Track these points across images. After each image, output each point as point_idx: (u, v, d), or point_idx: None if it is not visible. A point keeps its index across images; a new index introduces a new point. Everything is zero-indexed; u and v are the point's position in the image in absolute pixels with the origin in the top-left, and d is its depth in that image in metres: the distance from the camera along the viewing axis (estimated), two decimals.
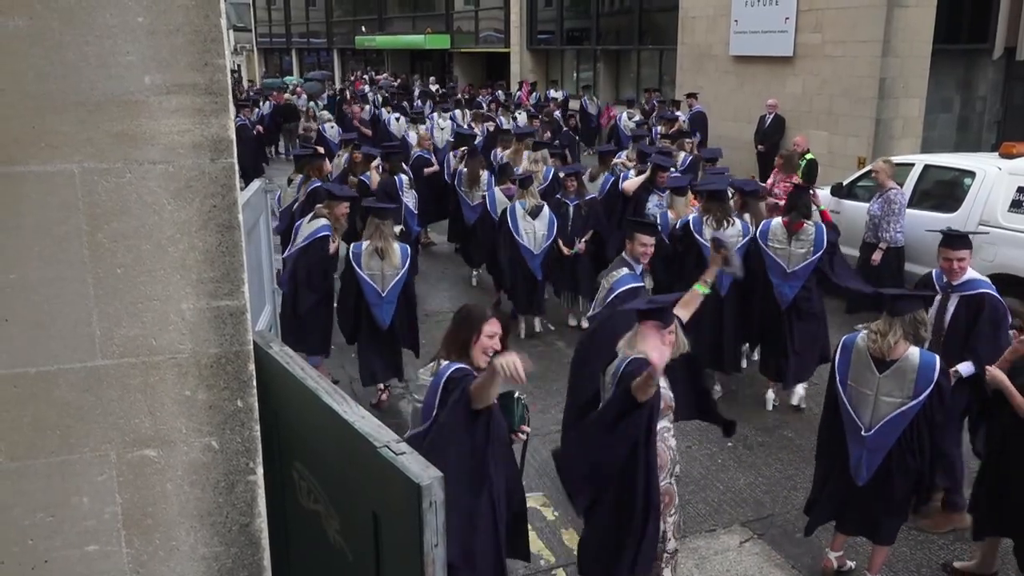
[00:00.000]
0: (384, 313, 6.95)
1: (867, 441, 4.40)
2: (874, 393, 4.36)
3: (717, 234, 6.58)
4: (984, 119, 15.10)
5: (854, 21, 13.80)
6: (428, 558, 2.04)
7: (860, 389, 4.44)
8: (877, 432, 4.37)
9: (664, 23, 19.98)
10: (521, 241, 8.56)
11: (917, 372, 4.27)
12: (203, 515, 2.42)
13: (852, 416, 4.47)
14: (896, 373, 4.31)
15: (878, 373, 4.35)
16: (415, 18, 34.48)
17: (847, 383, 4.51)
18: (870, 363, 4.39)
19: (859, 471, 4.46)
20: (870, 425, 4.39)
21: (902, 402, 4.30)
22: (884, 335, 4.32)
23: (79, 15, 2.10)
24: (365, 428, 2.22)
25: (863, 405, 4.43)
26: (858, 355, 4.46)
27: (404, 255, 6.97)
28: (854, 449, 4.47)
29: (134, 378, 2.29)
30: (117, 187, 2.20)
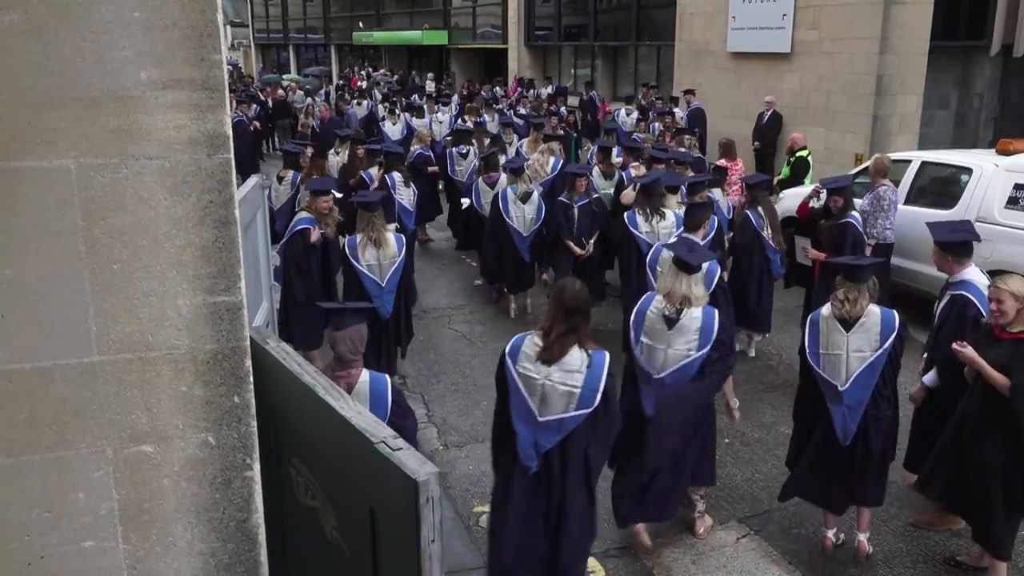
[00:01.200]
0: (386, 304, 7.01)
1: (844, 396, 4.72)
2: (845, 352, 4.75)
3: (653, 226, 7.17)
4: (981, 116, 15.11)
5: (851, 18, 13.79)
6: (425, 554, 2.04)
7: (831, 352, 4.79)
8: (852, 386, 4.70)
9: (662, 19, 19.96)
10: (512, 224, 9.01)
11: (880, 325, 4.71)
12: (200, 511, 2.42)
13: (828, 380, 4.79)
14: (862, 329, 4.73)
15: (846, 333, 4.75)
16: (412, 14, 34.41)
17: (818, 354, 4.86)
18: (837, 326, 4.78)
19: (845, 430, 4.75)
20: (844, 381, 4.73)
21: (870, 354, 4.71)
22: (854, 301, 4.74)
23: (75, 10, 2.09)
24: (362, 424, 2.22)
25: (838, 366, 4.77)
26: (825, 323, 4.84)
27: (400, 244, 7.08)
28: (836, 411, 4.76)
29: (130, 374, 2.29)
30: (113, 183, 2.20)
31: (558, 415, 4.08)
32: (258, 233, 6.05)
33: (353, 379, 3.94)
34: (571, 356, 4.09)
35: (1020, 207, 8.07)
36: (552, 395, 4.09)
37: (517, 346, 4.22)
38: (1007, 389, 4.42)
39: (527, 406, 4.12)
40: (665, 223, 7.52)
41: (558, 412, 4.08)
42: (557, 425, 4.09)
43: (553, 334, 4.10)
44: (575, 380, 4.08)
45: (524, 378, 4.13)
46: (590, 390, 4.07)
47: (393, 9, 36.29)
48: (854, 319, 4.73)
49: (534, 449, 4.11)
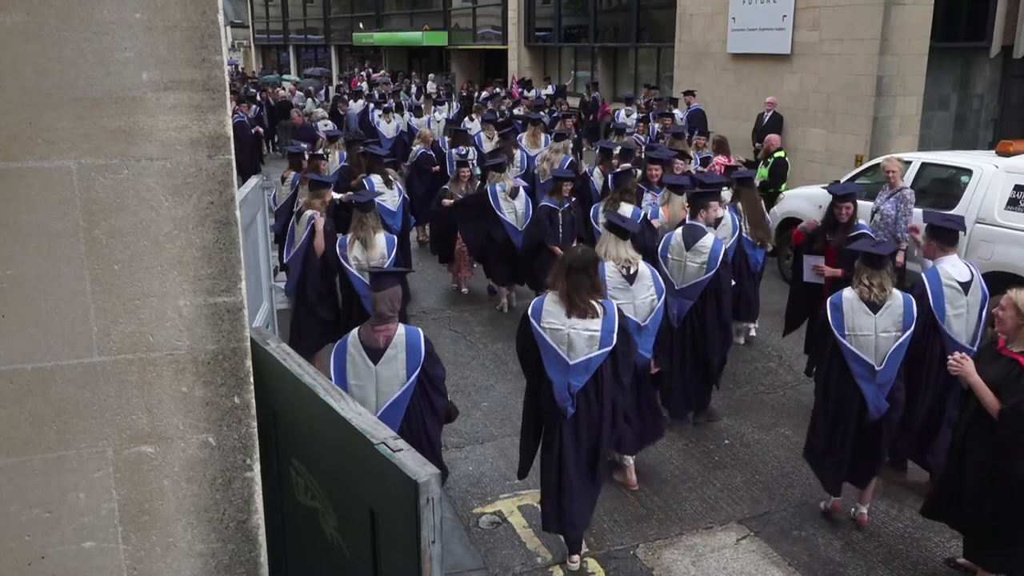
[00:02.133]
0: None
1: (879, 375, 5.08)
2: (874, 333, 5.08)
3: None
4: (981, 117, 15.11)
5: (852, 19, 13.80)
6: (425, 555, 2.04)
7: (859, 334, 5.09)
8: (886, 365, 5.07)
9: (662, 20, 19.97)
10: (505, 219, 9.21)
11: (903, 308, 5.10)
12: (200, 511, 2.42)
13: (862, 357, 5.10)
14: (889, 311, 5.09)
15: (874, 315, 5.07)
16: (413, 15, 34.43)
17: (845, 334, 5.13)
18: (865, 308, 5.10)
19: (878, 404, 5.11)
20: (878, 361, 5.07)
21: (897, 335, 5.09)
22: (880, 286, 5.09)
23: (76, 11, 2.10)
24: (362, 425, 2.22)
25: (866, 347, 5.09)
26: (851, 306, 5.13)
27: (390, 245, 7.03)
28: (868, 388, 5.10)
29: (131, 374, 2.29)
30: (114, 183, 2.20)
31: (584, 356, 4.74)
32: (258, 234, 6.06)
33: (391, 332, 4.48)
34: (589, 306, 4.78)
35: (1020, 208, 8.06)
36: (577, 341, 4.75)
37: (538, 307, 4.85)
38: (995, 412, 4.30)
39: (557, 354, 4.75)
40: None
41: (584, 355, 4.74)
42: (585, 365, 4.75)
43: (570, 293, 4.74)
44: (594, 325, 4.76)
45: (550, 331, 4.78)
46: (607, 332, 4.79)
47: (393, 10, 36.31)
48: (882, 302, 5.07)
49: (568, 391, 4.75)
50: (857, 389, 5.12)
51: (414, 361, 4.43)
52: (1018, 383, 4.23)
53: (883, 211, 8.22)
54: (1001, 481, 4.36)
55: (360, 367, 4.47)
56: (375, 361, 4.46)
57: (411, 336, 4.50)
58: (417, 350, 4.46)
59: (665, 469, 6.20)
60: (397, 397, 4.43)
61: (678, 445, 6.55)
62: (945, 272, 5.53)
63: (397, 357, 4.46)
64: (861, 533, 5.40)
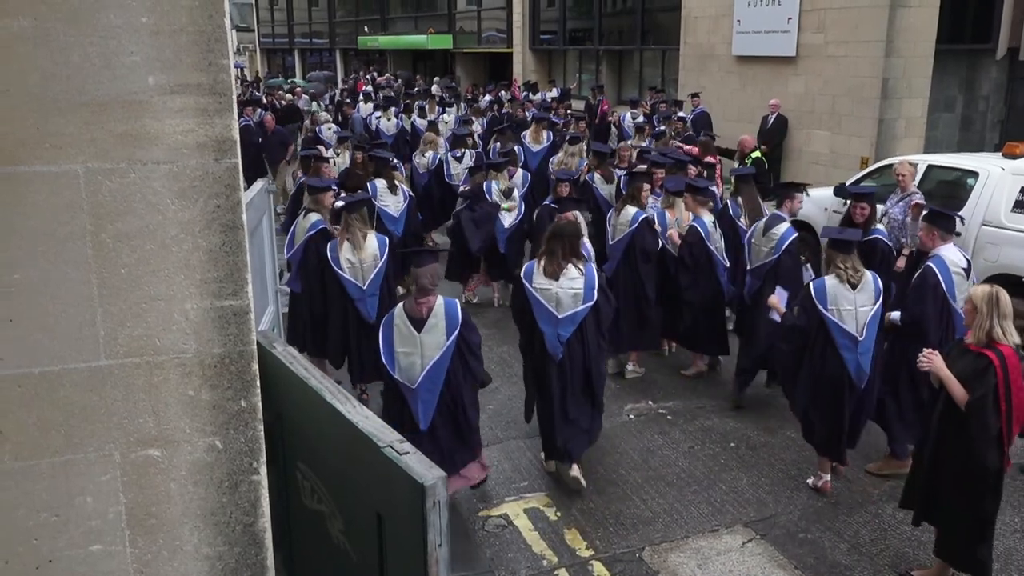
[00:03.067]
0: (369, 307, 6.85)
1: (860, 344, 5.60)
2: (854, 307, 5.64)
3: None
4: (987, 119, 15.07)
5: (857, 21, 13.78)
6: (432, 558, 2.04)
7: (842, 309, 5.62)
8: (866, 335, 5.61)
9: (667, 23, 19.96)
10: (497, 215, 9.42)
11: (873, 283, 5.72)
12: (207, 515, 2.42)
13: (845, 328, 5.61)
14: (864, 288, 5.67)
15: (853, 292, 5.64)
16: (418, 18, 34.47)
17: (828, 308, 5.64)
18: (846, 286, 5.65)
19: (860, 374, 5.62)
20: (859, 332, 5.60)
21: (870, 307, 5.65)
22: (855, 267, 5.68)
23: (83, 16, 2.10)
24: (368, 428, 2.22)
25: (848, 320, 5.61)
26: (834, 285, 5.67)
27: (382, 245, 6.91)
28: (849, 357, 5.60)
29: (138, 378, 2.30)
30: (121, 187, 2.20)
31: (571, 311, 5.60)
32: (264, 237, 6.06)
33: (432, 303, 5.11)
34: (569, 269, 5.64)
35: None
36: (564, 298, 5.61)
37: (529, 271, 5.74)
38: (963, 404, 4.39)
39: (547, 309, 5.63)
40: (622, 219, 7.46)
41: (570, 309, 5.60)
42: (571, 318, 5.62)
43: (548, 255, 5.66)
44: (577, 284, 5.62)
45: (540, 291, 5.65)
46: (589, 289, 5.64)
47: (398, 13, 36.36)
48: (858, 281, 5.66)
49: (557, 340, 5.62)
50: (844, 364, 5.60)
51: (452, 327, 5.09)
52: (985, 375, 4.34)
53: (891, 215, 8.18)
54: (973, 474, 4.44)
55: (406, 336, 5.10)
56: (419, 330, 5.08)
57: (449, 306, 5.16)
58: (455, 318, 5.11)
59: (671, 472, 6.19)
60: (438, 359, 5.07)
61: (683, 448, 6.54)
62: (951, 260, 5.78)
63: (438, 325, 5.09)
64: (868, 536, 5.38)
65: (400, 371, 5.10)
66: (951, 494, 4.57)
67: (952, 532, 4.65)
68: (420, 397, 5.09)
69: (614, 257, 7.58)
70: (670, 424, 6.94)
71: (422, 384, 5.06)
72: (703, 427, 6.89)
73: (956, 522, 4.60)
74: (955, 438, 4.50)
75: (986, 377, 4.33)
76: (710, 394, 7.49)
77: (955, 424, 4.49)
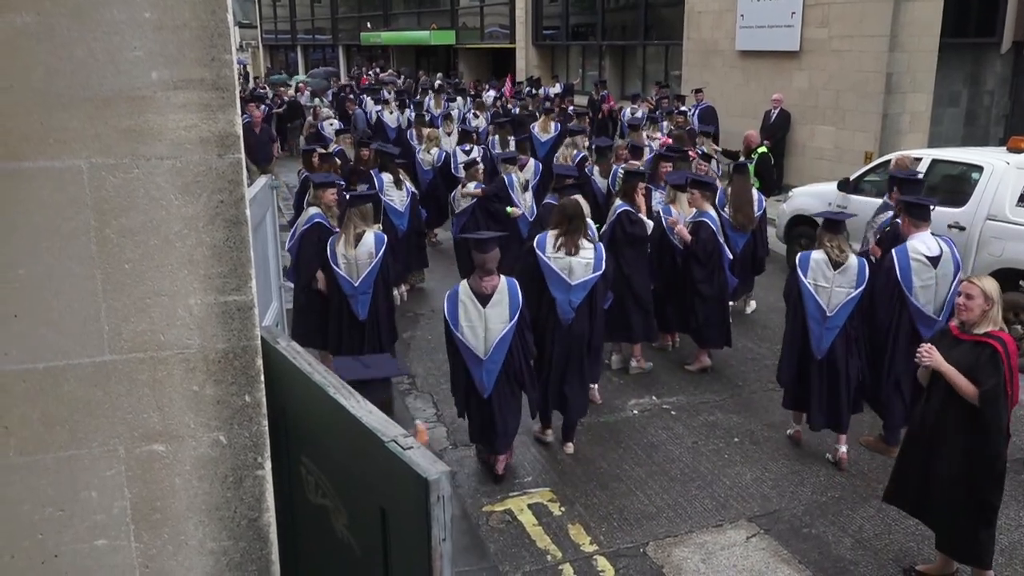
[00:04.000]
0: (360, 305, 6.82)
1: (828, 320, 6.01)
2: (831, 286, 6.02)
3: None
4: (992, 113, 15.04)
5: (861, 15, 13.74)
6: (436, 553, 2.04)
7: (819, 284, 6.05)
8: (836, 313, 5.99)
9: (670, 18, 19.93)
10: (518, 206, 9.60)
11: (858, 269, 6.02)
12: (211, 510, 2.42)
13: (817, 299, 6.04)
14: (846, 271, 6.01)
15: (834, 271, 6.01)
16: (420, 14, 34.44)
17: (808, 281, 6.07)
18: (828, 265, 6.03)
19: (819, 345, 6.05)
20: (829, 308, 6.01)
21: (851, 291, 5.98)
22: (840, 248, 6.04)
23: (87, 11, 2.10)
24: (372, 423, 2.22)
25: (823, 295, 6.03)
26: (816, 262, 6.08)
27: (379, 243, 6.83)
28: (815, 328, 6.05)
29: (142, 373, 2.30)
30: (125, 182, 2.20)
31: (582, 279, 6.10)
32: (267, 233, 6.07)
33: (496, 282, 5.69)
34: (582, 243, 6.16)
35: None
36: (576, 267, 6.12)
37: (542, 243, 6.24)
38: (975, 397, 4.32)
39: (560, 277, 6.12)
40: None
41: (581, 277, 6.10)
42: (583, 284, 6.12)
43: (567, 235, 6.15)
44: (589, 255, 6.14)
45: (555, 260, 6.13)
46: (599, 259, 6.17)
47: (401, 9, 36.32)
48: (842, 262, 6.00)
49: (569, 305, 6.10)
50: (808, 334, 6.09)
51: (515, 305, 5.68)
52: (993, 363, 4.32)
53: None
54: (983, 464, 4.41)
55: (471, 311, 5.67)
56: (484, 305, 5.65)
57: (511, 285, 5.73)
58: (516, 297, 5.71)
59: (675, 467, 6.20)
60: (505, 333, 5.65)
61: (687, 443, 6.54)
62: (913, 247, 6.07)
63: (502, 302, 5.67)
64: (872, 530, 5.38)
65: (465, 340, 5.67)
66: (952, 487, 4.53)
67: (953, 525, 4.61)
68: (486, 367, 5.65)
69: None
70: (674, 419, 6.94)
71: (492, 356, 5.64)
72: (707, 422, 6.89)
73: (957, 515, 4.56)
74: (958, 431, 4.46)
75: (994, 364, 4.32)
76: (714, 389, 7.49)
77: (958, 417, 4.46)
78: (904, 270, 6.02)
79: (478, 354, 5.64)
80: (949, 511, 4.60)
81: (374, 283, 6.84)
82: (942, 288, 6.03)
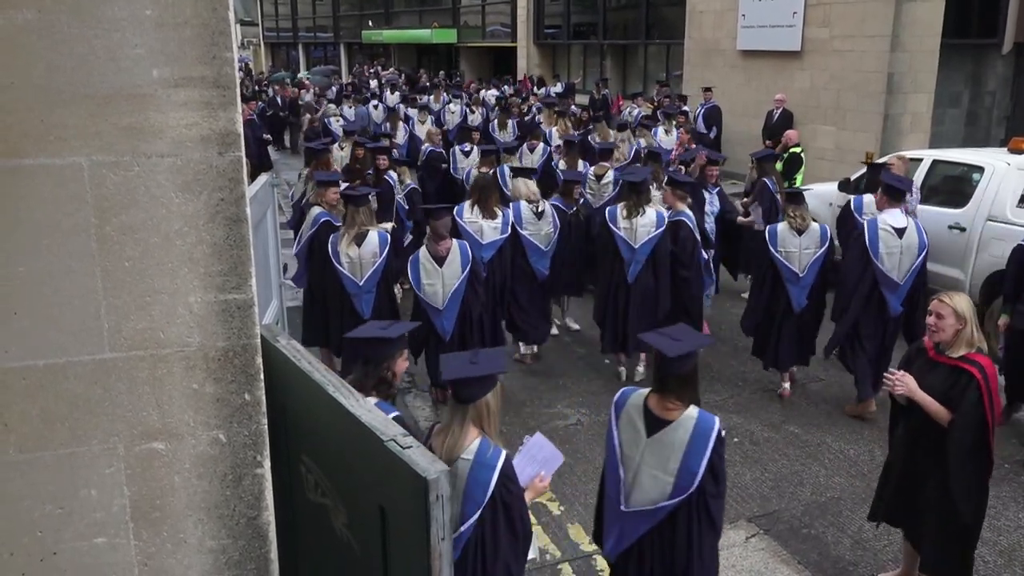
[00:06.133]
0: (364, 304, 6.80)
1: (801, 280, 7.02)
2: (798, 250, 7.04)
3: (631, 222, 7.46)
4: (993, 114, 15.03)
5: (862, 15, 13.74)
6: (435, 552, 2.04)
7: (788, 251, 7.04)
8: (807, 273, 7.01)
9: (671, 17, 19.93)
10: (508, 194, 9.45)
11: (820, 232, 7.09)
12: (210, 508, 2.42)
13: (789, 266, 7.04)
14: (809, 234, 7.06)
15: (799, 236, 7.05)
16: (422, 12, 34.44)
17: (778, 250, 7.05)
18: (794, 232, 7.06)
19: (799, 302, 7.06)
20: (800, 270, 7.01)
21: (815, 251, 7.03)
22: (802, 216, 7.09)
23: (88, 8, 2.10)
24: (372, 422, 2.22)
25: (793, 260, 7.02)
26: (783, 230, 7.10)
27: (382, 243, 6.81)
28: (792, 289, 7.05)
29: (142, 371, 2.30)
30: (125, 180, 2.20)
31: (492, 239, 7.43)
32: (268, 231, 6.07)
33: (449, 244, 6.63)
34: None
35: None
36: (487, 230, 7.46)
37: (461, 210, 7.53)
38: (947, 423, 4.11)
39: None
40: (645, 220, 7.31)
41: (491, 238, 7.42)
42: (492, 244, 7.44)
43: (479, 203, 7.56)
44: (497, 223, 7.51)
45: (469, 223, 7.45)
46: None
47: (402, 7, 36.32)
48: (805, 229, 7.03)
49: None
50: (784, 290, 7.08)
51: (465, 262, 6.66)
52: (967, 390, 4.08)
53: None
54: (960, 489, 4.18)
55: (430, 271, 6.62)
56: (440, 265, 6.60)
57: (462, 247, 6.73)
58: (466, 255, 6.69)
59: None
60: (457, 286, 6.63)
61: None
62: (883, 220, 6.78)
63: (454, 261, 6.62)
64: (871, 531, 5.38)
65: (426, 296, 6.63)
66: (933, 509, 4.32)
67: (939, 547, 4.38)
68: (444, 316, 6.65)
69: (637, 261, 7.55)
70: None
71: (448, 306, 6.64)
72: None
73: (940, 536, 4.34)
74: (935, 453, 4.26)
75: (968, 391, 4.08)
76: (714, 390, 7.49)
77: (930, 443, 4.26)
78: (872, 238, 6.74)
79: (437, 306, 6.62)
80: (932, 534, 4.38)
81: (378, 283, 6.84)
82: (906, 258, 6.72)
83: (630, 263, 7.33)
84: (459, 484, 3.23)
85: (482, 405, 3.38)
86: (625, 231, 7.32)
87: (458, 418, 3.38)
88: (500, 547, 3.28)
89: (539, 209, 7.86)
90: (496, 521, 3.27)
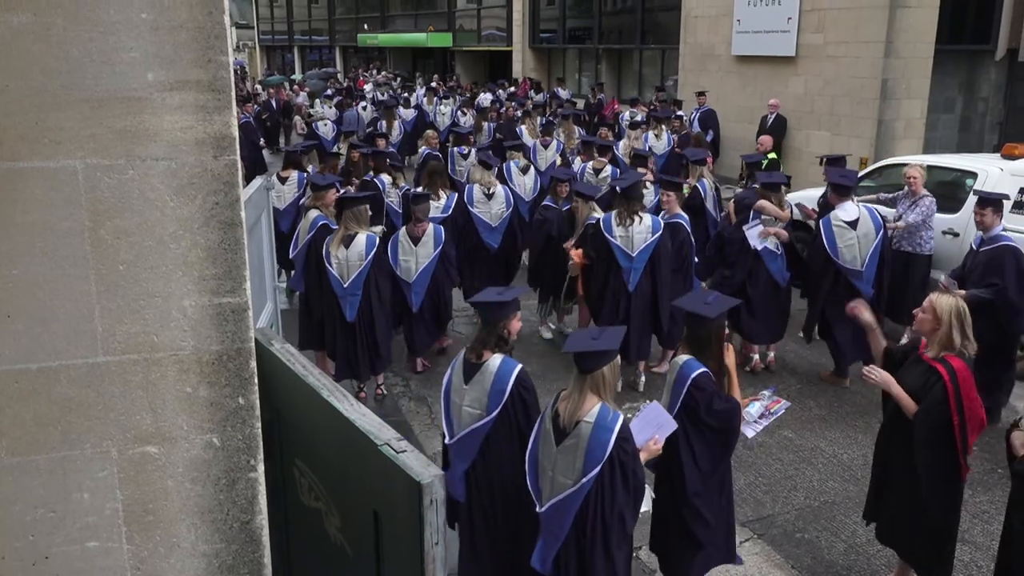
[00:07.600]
0: (349, 306, 6.84)
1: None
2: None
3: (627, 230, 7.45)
4: (986, 120, 15.08)
5: (856, 21, 13.78)
6: (428, 556, 2.04)
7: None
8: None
9: (667, 22, 19.96)
10: (516, 190, 9.90)
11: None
12: (204, 512, 2.42)
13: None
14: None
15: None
16: (417, 16, 34.45)
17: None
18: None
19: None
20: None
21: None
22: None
23: (83, 11, 2.10)
24: (366, 426, 2.22)
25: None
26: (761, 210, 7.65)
27: (369, 246, 6.83)
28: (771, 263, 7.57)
29: (135, 375, 2.29)
30: (120, 183, 2.20)
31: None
32: (262, 235, 6.07)
33: (426, 227, 7.50)
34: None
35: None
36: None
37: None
38: (912, 414, 4.32)
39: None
40: (640, 227, 7.29)
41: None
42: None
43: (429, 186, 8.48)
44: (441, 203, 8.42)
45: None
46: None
47: (398, 11, 36.33)
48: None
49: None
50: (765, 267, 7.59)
51: (438, 243, 7.51)
52: (934, 388, 4.26)
53: (905, 219, 8.04)
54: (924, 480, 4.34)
55: (406, 248, 7.49)
56: (415, 244, 7.48)
57: (437, 229, 7.58)
58: (440, 236, 7.55)
59: None
60: (428, 264, 7.48)
61: None
62: (835, 216, 7.33)
63: (428, 242, 7.47)
64: (865, 536, 5.39)
65: (400, 271, 7.44)
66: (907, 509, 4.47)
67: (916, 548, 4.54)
68: (414, 289, 7.49)
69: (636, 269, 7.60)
70: None
71: (417, 280, 7.48)
72: None
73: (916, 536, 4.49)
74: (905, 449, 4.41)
75: (934, 391, 4.26)
76: None
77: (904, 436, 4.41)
78: (828, 236, 7.32)
79: (408, 280, 7.44)
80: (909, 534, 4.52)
81: (364, 285, 6.84)
82: (864, 245, 7.26)
83: (629, 271, 7.27)
84: (581, 443, 3.68)
85: (599, 375, 3.75)
86: (621, 239, 7.27)
87: (579, 386, 3.78)
88: (616, 499, 3.69)
89: (490, 191, 8.63)
90: (613, 476, 3.68)
